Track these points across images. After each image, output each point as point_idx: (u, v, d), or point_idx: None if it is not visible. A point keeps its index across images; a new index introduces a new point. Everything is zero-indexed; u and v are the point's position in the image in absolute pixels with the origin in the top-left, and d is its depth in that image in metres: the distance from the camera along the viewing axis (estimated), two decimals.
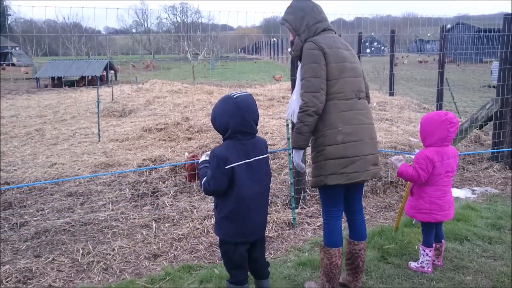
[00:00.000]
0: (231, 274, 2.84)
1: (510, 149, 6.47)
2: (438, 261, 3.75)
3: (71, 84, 22.15)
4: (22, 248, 4.31)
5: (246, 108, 2.68)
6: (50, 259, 4.07)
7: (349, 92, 3.04)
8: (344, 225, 3.56)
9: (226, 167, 2.63)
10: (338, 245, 3.19)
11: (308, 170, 5.45)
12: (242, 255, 2.80)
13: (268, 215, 4.93)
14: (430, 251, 3.61)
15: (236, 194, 2.68)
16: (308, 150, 4.76)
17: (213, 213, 4.89)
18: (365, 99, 3.25)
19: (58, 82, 23.28)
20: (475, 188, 5.97)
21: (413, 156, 3.67)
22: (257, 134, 2.86)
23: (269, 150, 3.07)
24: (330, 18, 3.35)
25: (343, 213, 3.32)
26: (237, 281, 2.82)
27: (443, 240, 3.76)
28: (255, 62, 44.96)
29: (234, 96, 2.69)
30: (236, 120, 2.66)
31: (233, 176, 2.66)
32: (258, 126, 2.86)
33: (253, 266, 2.95)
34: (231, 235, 2.75)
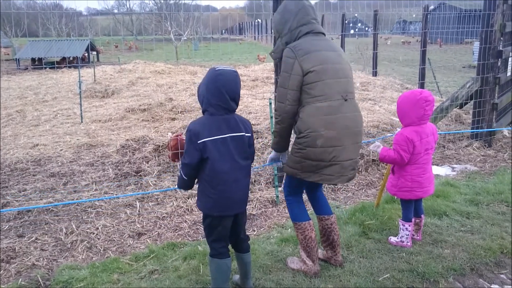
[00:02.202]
0: (211, 247, 2.88)
1: (496, 129, 6.59)
2: (417, 236, 3.84)
3: (52, 65, 21.79)
4: (5, 228, 4.29)
5: (223, 81, 2.68)
6: (33, 238, 4.07)
7: (333, 94, 2.98)
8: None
9: (198, 142, 2.66)
10: (306, 218, 3.27)
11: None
12: (225, 228, 2.85)
13: (252, 193, 4.99)
14: (409, 226, 3.69)
15: (209, 167, 2.71)
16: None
17: (196, 192, 4.93)
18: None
19: (38, 63, 22.89)
20: (455, 165, 6.09)
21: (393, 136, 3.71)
22: (240, 114, 2.87)
23: (253, 129, 3.06)
24: None
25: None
26: (217, 254, 2.86)
27: (422, 215, 3.84)
28: (240, 43, 44.64)
29: (216, 68, 2.72)
30: (211, 91, 2.69)
31: (205, 150, 2.68)
32: (241, 106, 2.88)
33: (233, 240, 3.00)
34: (209, 208, 2.79)
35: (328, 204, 3.45)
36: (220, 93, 2.69)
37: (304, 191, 3.46)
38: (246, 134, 2.84)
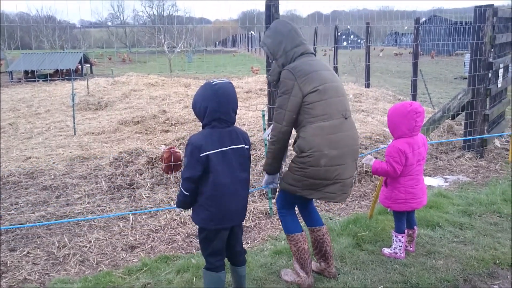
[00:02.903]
0: (207, 261, 2.87)
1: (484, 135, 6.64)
2: (410, 247, 3.85)
3: (45, 77, 21.78)
4: None
5: (223, 94, 2.71)
6: (25, 252, 4.04)
7: (334, 113, 3.02)
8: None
9: (201, 155, 2.66)
10: (299, 229, 3.28)
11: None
12: (221, 241, 2.84)
13: None
14: (402, 237, 3.70)
15: (211, 181, 2.71)
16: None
17: None
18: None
19: (31, 76, 22.88)
20: (448, 176, 6.12)
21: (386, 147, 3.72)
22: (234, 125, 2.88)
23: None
24: (308, 11, 3.33)
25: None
26: (213, 267, 2.85)
27: (415, 227, 3.86)
28: (234, 55, 44.82)
29: (213, 83, 2.73)
30: (213, 105, 2.69)
31: (208, 163, 2.68)
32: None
33: (229, 252, 2.99)
34: (206, 221, 2.78)
35: (319, 215, 3.46)
36: (222, 106, 2.71)
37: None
38: (246, 146, 2.86)
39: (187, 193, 2.74)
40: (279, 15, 4.83)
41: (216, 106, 2.69)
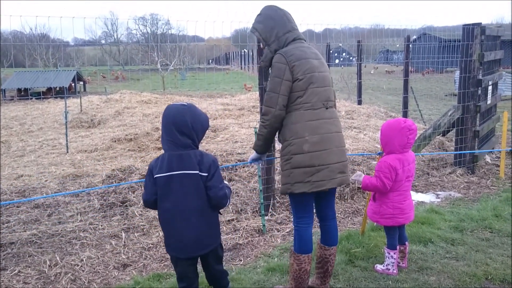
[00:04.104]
0: (178, 283, 2.89)
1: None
2: (403, 263, 3.86)
3: (38, 95, 21.78)
4: None
5: (167, 115, 2.72)
6: (16, 271, 4.01)
7: (316, 102, 3.07)
8: (316, 229, 3.65)
9: (154, 177, 2.71)
10: (308, 251, 3.24)
11: (277, 177, 5.52)
12: (184, 270, 2.82)
13: (239, 222, 4.98)
14: (394, 254, 3.71)
15: (159, 205, 2.75)
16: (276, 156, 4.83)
17: None
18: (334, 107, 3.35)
19: (24, 94, 22.88)
20: (439, 192, 6.15)
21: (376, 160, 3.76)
22: (227, 143, 2.91)
23: (239, 162, 3.09)
24: (300, 29, 3.38)
25: (317, 218, 3.40)
26: None
27: (406, 243, 3.87)
28: (227, 73, 45.05)
29: (168, 105, 2.80)
30: (162, 127, 2.75)
31: (156, 187, 2.73)
32: (228, 135, 2.93)
33: (209, 278, 3.02)
34: (166, 246, 2.84)
35: (337, 236, 3.41)
36: (167, 128, 2.71)
37: (317, 219, 3.43)
38: (201, 173, 2.70)
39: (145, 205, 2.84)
40: None
41: (163, 126, 2.73)
